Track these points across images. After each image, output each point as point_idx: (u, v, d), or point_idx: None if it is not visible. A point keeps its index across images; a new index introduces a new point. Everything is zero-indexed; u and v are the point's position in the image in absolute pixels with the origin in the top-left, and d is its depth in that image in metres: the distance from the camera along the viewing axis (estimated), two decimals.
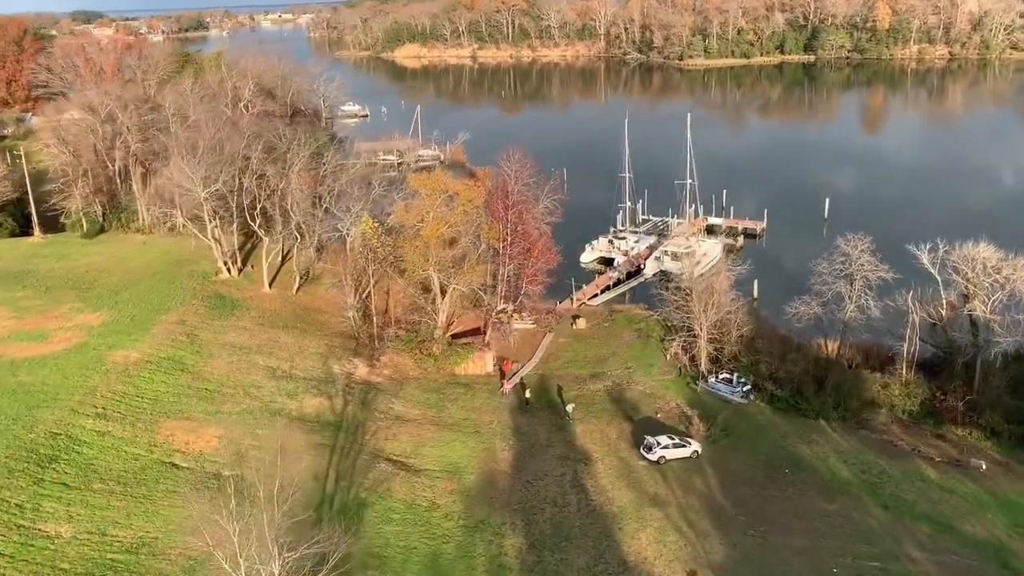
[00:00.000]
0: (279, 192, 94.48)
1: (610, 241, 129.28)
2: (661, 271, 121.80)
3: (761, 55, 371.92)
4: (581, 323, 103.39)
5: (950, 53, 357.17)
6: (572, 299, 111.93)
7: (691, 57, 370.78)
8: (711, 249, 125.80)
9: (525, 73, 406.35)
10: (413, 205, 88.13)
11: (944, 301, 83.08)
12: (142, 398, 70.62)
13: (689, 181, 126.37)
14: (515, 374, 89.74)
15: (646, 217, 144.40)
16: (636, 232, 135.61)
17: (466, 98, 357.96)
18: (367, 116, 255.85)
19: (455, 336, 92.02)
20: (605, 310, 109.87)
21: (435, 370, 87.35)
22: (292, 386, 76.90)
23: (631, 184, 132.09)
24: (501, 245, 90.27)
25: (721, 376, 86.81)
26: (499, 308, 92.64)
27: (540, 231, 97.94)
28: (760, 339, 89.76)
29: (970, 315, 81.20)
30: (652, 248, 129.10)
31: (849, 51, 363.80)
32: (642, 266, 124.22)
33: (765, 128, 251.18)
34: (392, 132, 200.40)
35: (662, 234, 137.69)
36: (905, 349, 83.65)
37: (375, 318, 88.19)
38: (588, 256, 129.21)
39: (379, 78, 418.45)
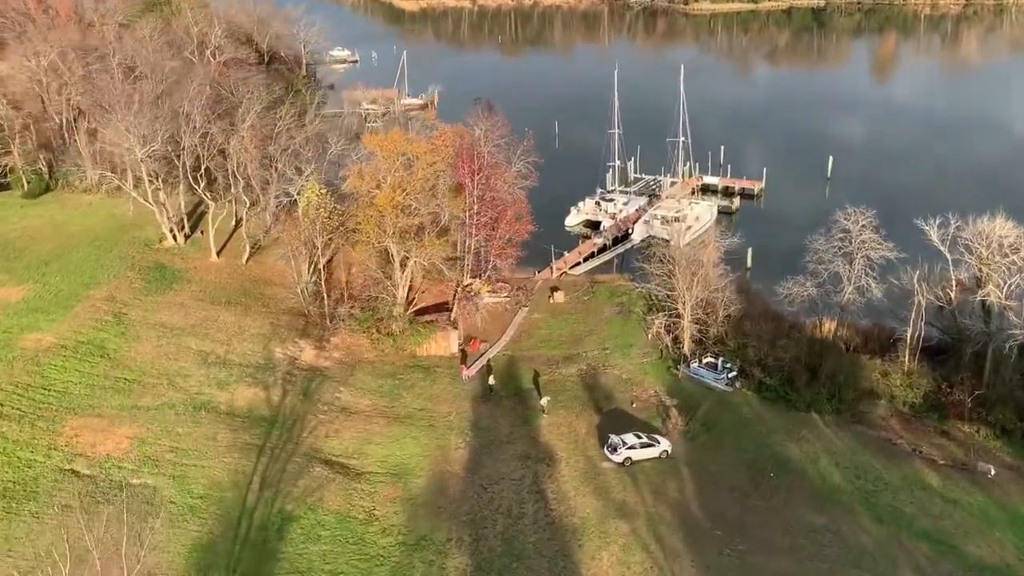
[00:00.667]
0: (226, 151, 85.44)
1: (597, 203, 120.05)
2: (650, 236, 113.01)
3: (769, 0, 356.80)
4: (559, 296, 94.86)
5: None
6: (552, 268, 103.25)
7: (697, 1, 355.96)
8: (704, 212, 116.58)
9: (526, 16, 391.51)
10: (367, 169, 78.92)
11: (954, 282, 74.22)
12: (49, 391, 62.60)
13: (682, 139, 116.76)
14: (481, 355, 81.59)
15: (638, 176, 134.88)
16: (626, 193, 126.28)
17: (465, 42, 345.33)
18: (357, 62, 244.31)
19: (417, 313, 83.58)
20: (587, 281, 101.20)
21: (393, 352, 79.13)
22: (224, 374, 68.77)
23: (620, 141, 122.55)
24: (467, 214, 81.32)
25: (705, 360, 78.58)
26: (465, 283, 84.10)
27: (513, 198, 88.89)
28: (749, 320, 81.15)
29: (982, 300, 72.46)
30: (642, 211, 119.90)
31: None
32: (630, 231, 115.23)
33: (770, 77, 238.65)
34: (380, 79, 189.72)
35: (654, 195, 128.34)
36: (909, 334, 75.05)
37: (325, 294, 79.66)
38: (573, 219, 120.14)
39: (376, 21, 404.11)
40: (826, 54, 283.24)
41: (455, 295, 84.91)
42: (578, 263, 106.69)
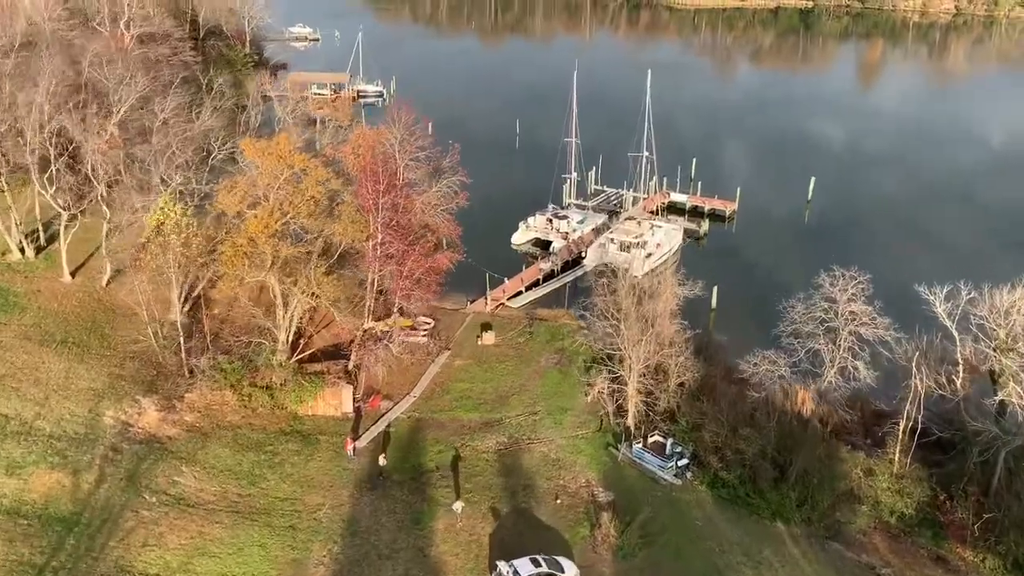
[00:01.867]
0: (82, 151, 68.04)
1: (549, 220, 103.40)
2: (604, 264, 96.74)
3: None
4: (489, 337, 78.43)
5: (956, 8, 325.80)
6: (487, 299, 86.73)
7: None
8: (668, 237, 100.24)
9: (508, 1, 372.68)
10: (241, 184, 61.72)
11: (961, 366, 58.37)
12: None
13: (645, 154, 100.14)
14: (380, 418, 65.19)
15: (598, 187, 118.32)
16: (583, 208, 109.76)
17: (442, 25, 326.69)
18: (318, 40, 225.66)
19: (306, 361, 66.83)
20: (526, 317, 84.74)
21: (267, 411, 62.43)
22: (21, 451, 51.70)
23: (579, 151, 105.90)
24: (371, 244, 64.50)
25: (652, 440, 62.67)
26: (366, 326, 67.43)
27: (435, 224, 72.23)
28: (707, 393, 65.09)
29: (996, 391, 56.75)
30: (599, 231, 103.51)
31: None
32: (583, 254, 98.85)
33: (752, 81, 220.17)
34: (340, 60, 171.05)
35: (615, 212, 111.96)
36: (901, 426, 59.22)
37: (182, 337, 62.59)
38: (521, 237, 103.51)
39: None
40: (811, 58, 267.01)
41: (355, 340, 68.29)
42: (519, 292, 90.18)
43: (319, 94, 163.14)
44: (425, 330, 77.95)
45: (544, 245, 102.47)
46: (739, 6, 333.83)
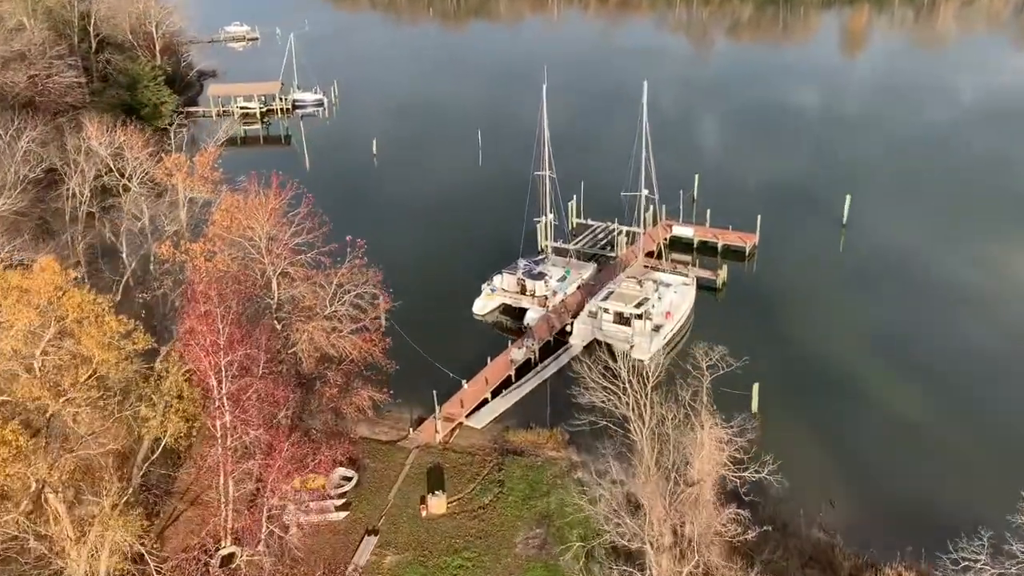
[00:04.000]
0: None
1: (520, 280, 75.31)
2: (596, 342, 69.08)
3: None
4: (437, 504, 50.70)
5: None
6: (437, 419, 58.83)
7: None
8: (680, 297, 72.54)
9: None
10: None
11: None
12: None
13: (644, 193, 71.84)
14: None
15: (581, 221, 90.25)
16: (564, 253, 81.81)
17: (402, 11, 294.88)
18: (257, 39, 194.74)
19: None
20: (494, 448, 57.15)
21: None
22: None
23: (554, 185, 77.58)
24: (218, 435, 36.35)
25: None
26: (223, 552, 39.51)
27: (339, 353, 44.13)
28: None
29: None
30: (587, 291, 75.66)
31: None
32: (568, 327, 71.07)
33: (740, 61, 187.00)
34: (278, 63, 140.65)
35: (604, 256, 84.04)
36: None
37: None
38: (484, 304, 75.45)
39: None
40: (794, 30, 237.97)
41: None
42: (483, 402, 62.34)
43: (246, 108, 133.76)
44: (342, 495, 50.33)
45: (515, 314, 74.62)
46: None
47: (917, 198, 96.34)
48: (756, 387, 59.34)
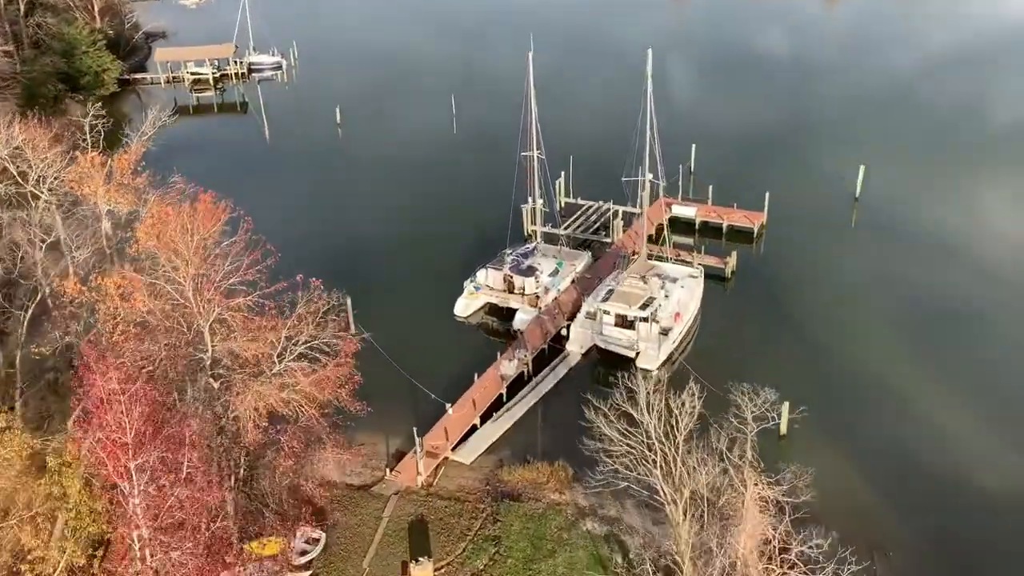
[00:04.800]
0: None
1: (507, 276, 65.44)
2: (597, 348, 59.77)
3: None
4: (423, 573, 41.52)
5: None
6: (419, 455, 49.36)
7: None
8: (687, 293, 63.11)
9: None
10: None
11: None
12: None
13: (649, 178, 61.76)
14: None
15: (571, 201, 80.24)
16: (554, 240, 71.97)
17: None
18: None
19: None
20: (487, 489, 48.03)
21: None
22: None
23: (544, 168, 67.34)
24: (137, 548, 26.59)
25: None
26: None
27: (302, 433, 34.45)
28: None
29: None
30: (583, 285, 66.07)
31: None
32: (563, 331, 61.57)
33: (745, 23, 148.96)
34: (226, 25, 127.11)
35: (598, 242, 74.35)
36: None
37: None
38: (467, 305, 65.52)
39: None
40: None
41: None
42: (471, 429, 52.92)
43: (197, 75, 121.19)
44: (306, 564, 41.03)
45: (502, 313, 65.00)
46: None
47: (939, 166, 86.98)
48: (786, 407, 50.40)
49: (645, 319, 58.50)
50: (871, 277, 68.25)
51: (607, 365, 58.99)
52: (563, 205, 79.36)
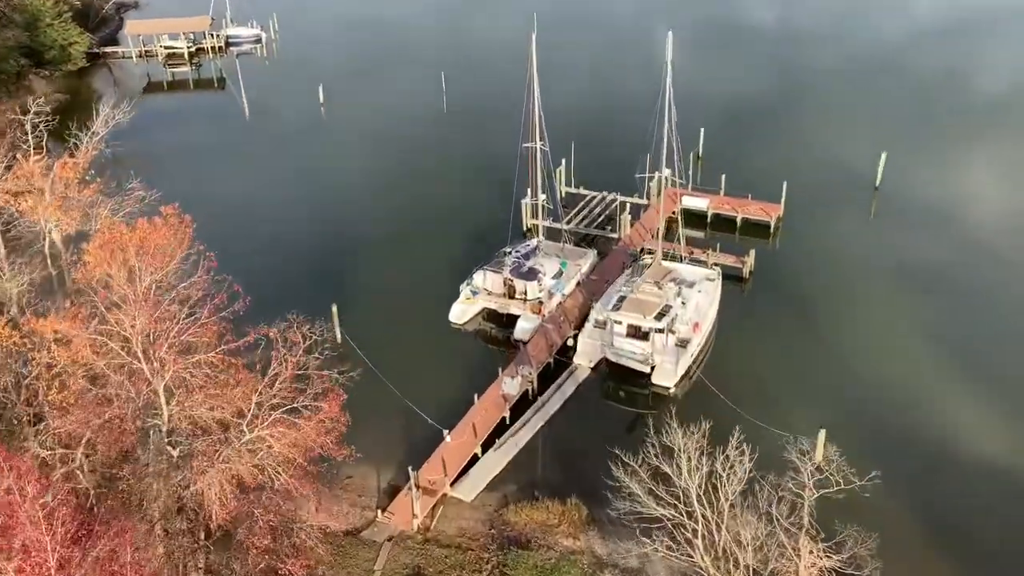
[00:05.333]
0: None
1: (507, 280, 59.18)
2: (606, 361, 53.79)
3: None
4: None
5: None
6: (414, 496, 43.44)
7: None
8: (704, 296, 57.05)
9: None
10: None
11: None
12: None
13: (666, 173, 55.41)
14: None
15: (572, 190, 73.78)
16: (557, 236, 65.60)
17: None
18: None
19: None
20: (491, 534, 42.26)
21: None
22: None
23: (547, 161, 60.82)
24: None
25: None
26: None
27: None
28: None
29: None
30: (589, 288, 59.95)
31: None
32: (569, 341, 55.55)
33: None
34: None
35: (603, 238, 68.06)
36: None
37: None
38: (463, 310, 59.23)
39: None
40: None
41: None
42: (472, 458, 47.00)
43: (172, 48, 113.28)
44: None
45: (501, 320, 58.92)
46: None
47: (967, 150, 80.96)
48: (822, 435, 44.73)
49: (661, 330, 52.58)
50: (904, 275, 62.40)
51: (618, 380, 53.37)
52: (563, 195, 72.85)
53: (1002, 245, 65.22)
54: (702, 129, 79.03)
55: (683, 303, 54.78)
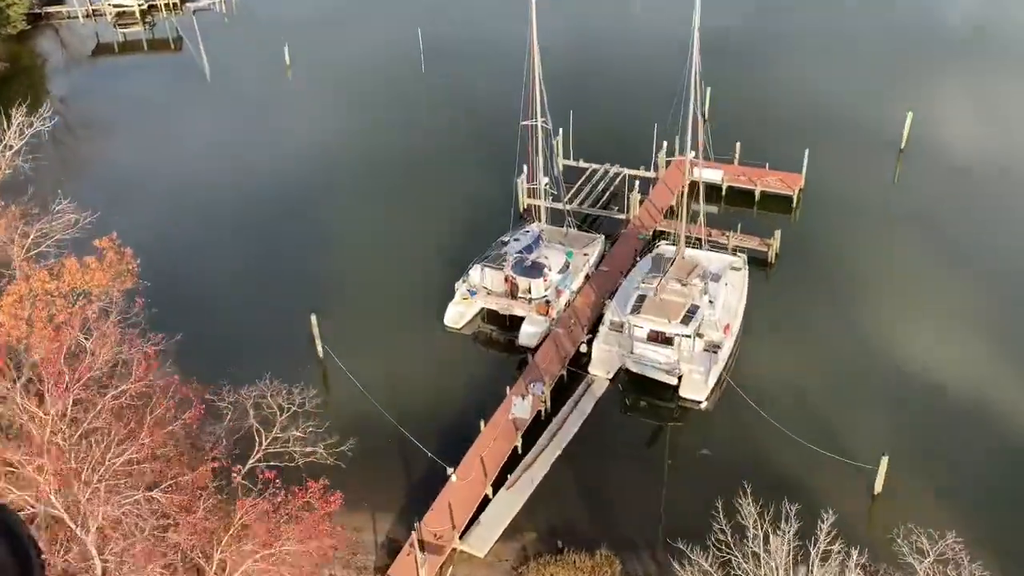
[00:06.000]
0: None
1: (509, 277, 51.50)
2: (627, 372, 46.67)
3: None
4: None
5: None
6: (416, 545, 36.50)
7: None
8: (732, 291, 49.92)
9: None
10: None
11: None
12: None
13: (691, 156, 47.60)
14: None
15: (571, 163, 65.56)
16: (562, 220, 57.73)
17: None
18: None
19: None
20: None
21: None
22: None
23: (547, 136, 52.72)
24: None
25: None
26: None
27: None
28: None
29: None
30: (599, 282, 52.50)
31: None
32: (582, 347, 48.29)
33: None
34: None
35: (609, 216, 60.27)
36: None
37: None
38: (460, 313, 51.50)
39: None
40: None
41: None
42: (484, 501, 40.01)
43: (121, 7, 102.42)
44: None
45: (503, 322, 51.50)
46: None
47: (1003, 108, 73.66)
48: (885, 461, 38.28)
49: (688, 335, 45.52)
50: (946, 251, 55.72)
51: (640, 391, 46.51)
52: (561, 169, 64.71)
53: None
54: (709, 88, 70.64)
55: (710, 301, 47.61)
